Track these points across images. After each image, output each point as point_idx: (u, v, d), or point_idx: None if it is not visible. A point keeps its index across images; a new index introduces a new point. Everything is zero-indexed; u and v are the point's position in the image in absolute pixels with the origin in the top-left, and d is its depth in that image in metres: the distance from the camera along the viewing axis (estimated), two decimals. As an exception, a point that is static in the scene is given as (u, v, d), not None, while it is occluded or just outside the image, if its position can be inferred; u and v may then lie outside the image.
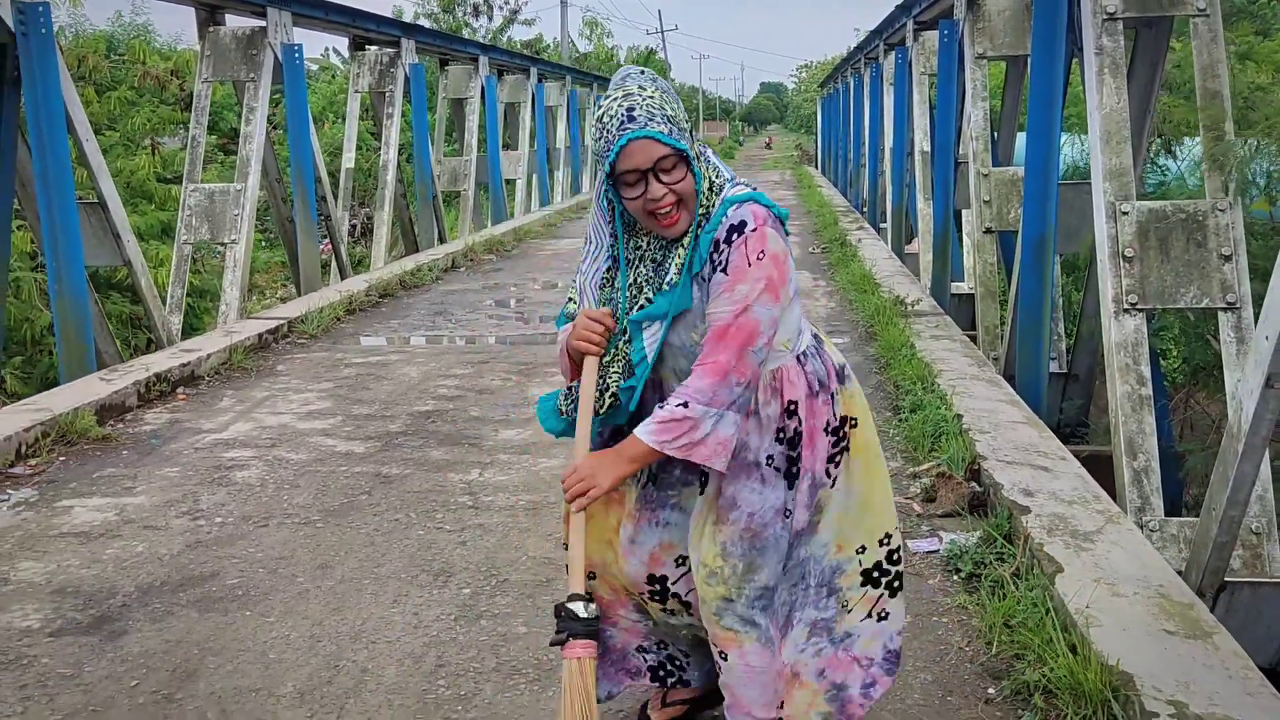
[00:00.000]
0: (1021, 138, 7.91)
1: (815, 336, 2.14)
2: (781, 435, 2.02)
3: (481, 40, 28.82)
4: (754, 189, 1.97)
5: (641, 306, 1.98)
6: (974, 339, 7.91)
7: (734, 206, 1.92)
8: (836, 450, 2.09)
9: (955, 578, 3.37)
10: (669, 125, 1.87)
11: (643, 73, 1.94)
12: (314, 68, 27.05)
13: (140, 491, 4.25)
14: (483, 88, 15.38)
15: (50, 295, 5.97)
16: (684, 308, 1.95)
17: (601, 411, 2.05)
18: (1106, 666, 2.51)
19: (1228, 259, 4.58)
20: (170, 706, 2.66)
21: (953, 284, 9.60)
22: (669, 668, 2.35)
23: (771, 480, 2.02)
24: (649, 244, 2.00)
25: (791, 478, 2.03)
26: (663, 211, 1.91)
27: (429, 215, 13.02)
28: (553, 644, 1.95)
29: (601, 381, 2.04)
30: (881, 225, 14.09)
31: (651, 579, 2.16)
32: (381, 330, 7.76)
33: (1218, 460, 3.47)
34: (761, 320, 1.89)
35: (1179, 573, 3.70)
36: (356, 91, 12.33)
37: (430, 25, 31.01)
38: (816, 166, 32.47)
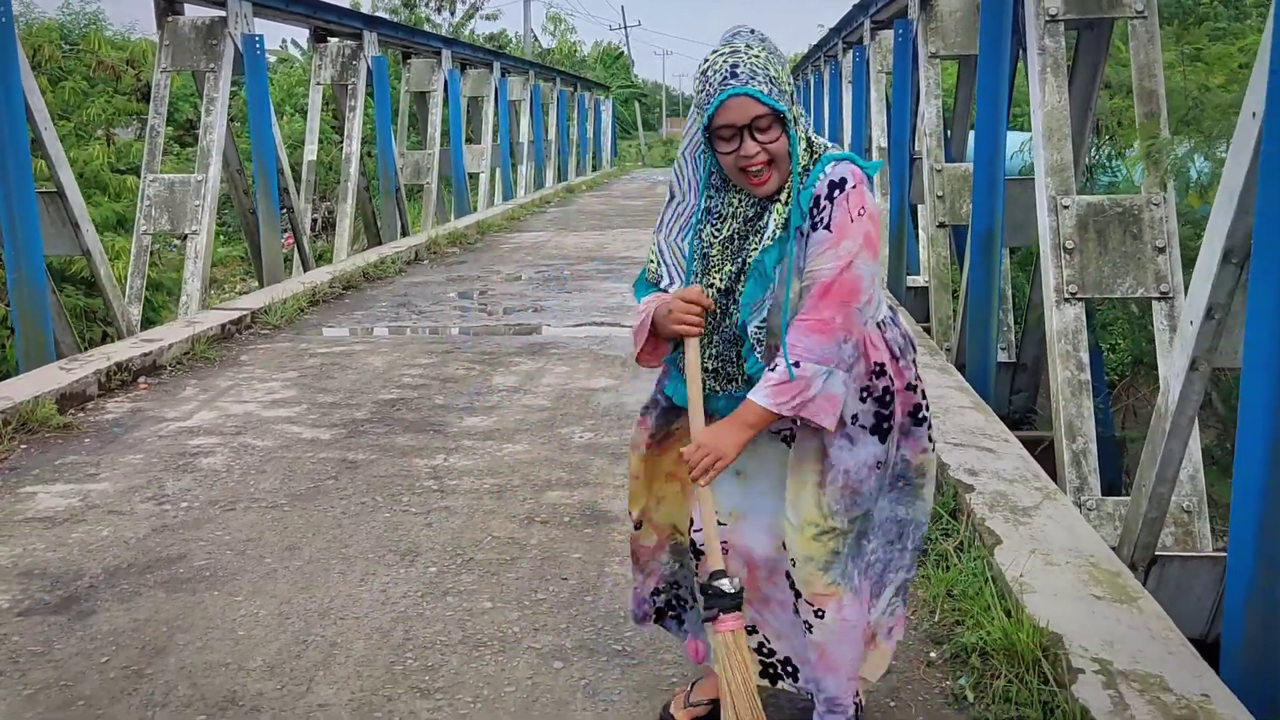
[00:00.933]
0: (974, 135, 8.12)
1: (890, 307, 2.20)
2: (867, 394, 2.06)
3: (444, 34, 28.68)
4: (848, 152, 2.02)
5: (743, 264, 2.01)
6: (929, 330, 8.12)
7: (832, 164, 1.95)
8: (922, 411, 2.15)
9: (902, 553, 3.53)
10: (770, 85, 1.89)
11: (752, 32, 1.97)
12: (271, 59, 26.77)
13: (104, 478, 4.28)
14: (446, 81, 15.37)
15: (9, 285, 5.95)
16: (783, 261, 1.97)
17: (707, 387, 2.08)
18: (1038, 628, 2.66)
19: (1162, 251, 4.79)
20: (141, 681, 2.73)
21: (909, 277, 9.82)
22: (674, 605, 2.42)
23: (860, 438, 2.06)
24: (741, 201, 2.02)
25: (883, 433, 2.08)
26: (754, 169, 1.93)
27: (392, 208, 13.02)
28: (704, 620, 2.05)
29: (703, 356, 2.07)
30: (840, 220, 14.28)
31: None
32: (345, 321, 7.80)
33: (1147, 440, 3.66)
34: (864, 277, 1.93)
35: (1113, 548, 3.89)
36: (318, 84, 12.29)
37: (391, 19, 30.80)
38: (778, 163, 32.63)
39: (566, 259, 11.53)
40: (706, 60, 1.94)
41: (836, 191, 1.93)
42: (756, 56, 1.91)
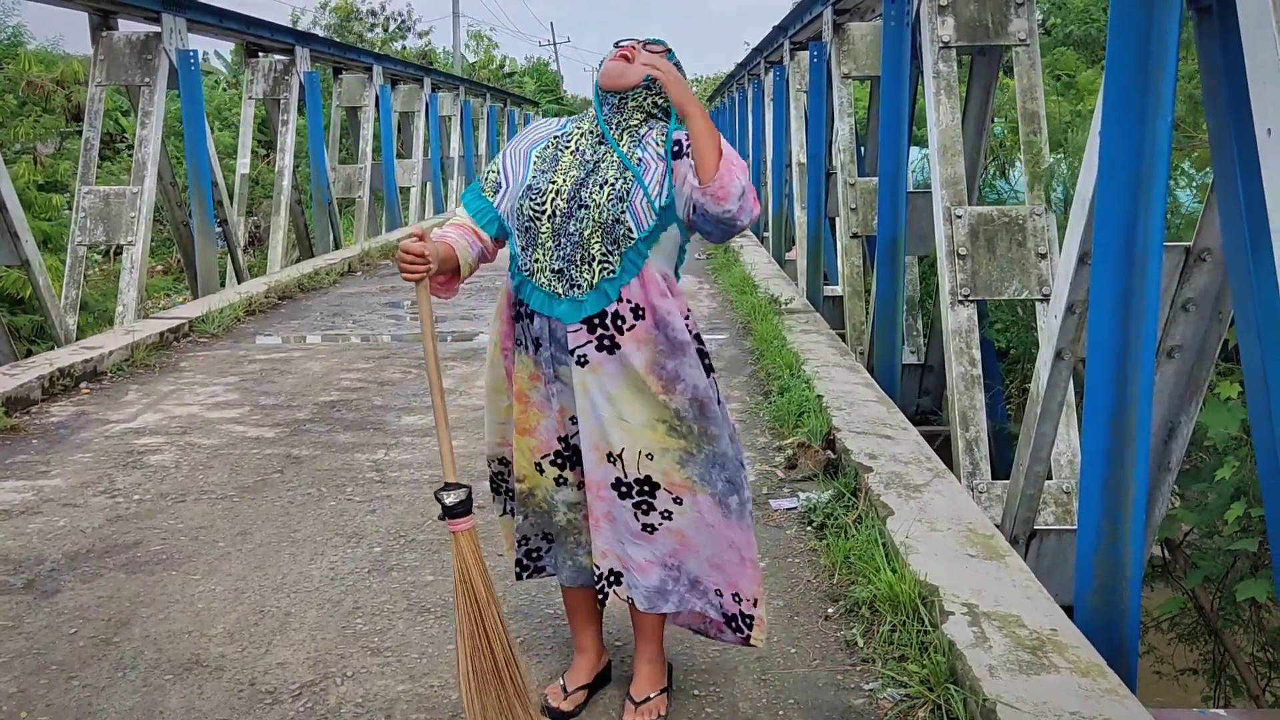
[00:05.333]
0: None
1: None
2: (689, 323, 2.38)
3: (374, 50, 28.70)
4: None
5: (589, 171, 2.31)
6: (844, 336, 8.60)
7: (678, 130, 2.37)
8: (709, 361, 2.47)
9: (809, 528, 3.91)
10: (672, 50, 2.40)
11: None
12: (199, 72, 26.46)
13: (55, 475, 4.46)
14: (377, 97, 15.55)
15: (-51, 293, 6.03)
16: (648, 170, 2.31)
17: (578, 293, 2.32)
18: (918, 581, 3.05)
19: (1044, 257, 5.29)
20: (109, 648, 2.96)
21: (826, 286, 10.31)
22: (524, 562, 2.64)
23: (697, 364, 2.35)
24: (593, 129, 2.39)
25: (707, 369, 2.38)
26: (625, 52, 2.34)
27: (324, 221, 13.15)
28: (440, 519, 2.37)
29: (577, 258, 2.30)
30: (764, 234, 14.83)
31: (561, 439, 2.46)
32: (282, 329, 7.98)
33: (1023, 424, 4.11)
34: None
35: (998, 525, 4.33)
36: (250, 98, 12.40)
37: (326, 35, 30.77)
38: (706, 178, 33.28)
39: (497, 270, 11.76)
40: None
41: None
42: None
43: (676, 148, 2.33)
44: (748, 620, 2.52)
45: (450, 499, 2.36)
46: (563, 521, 2.55)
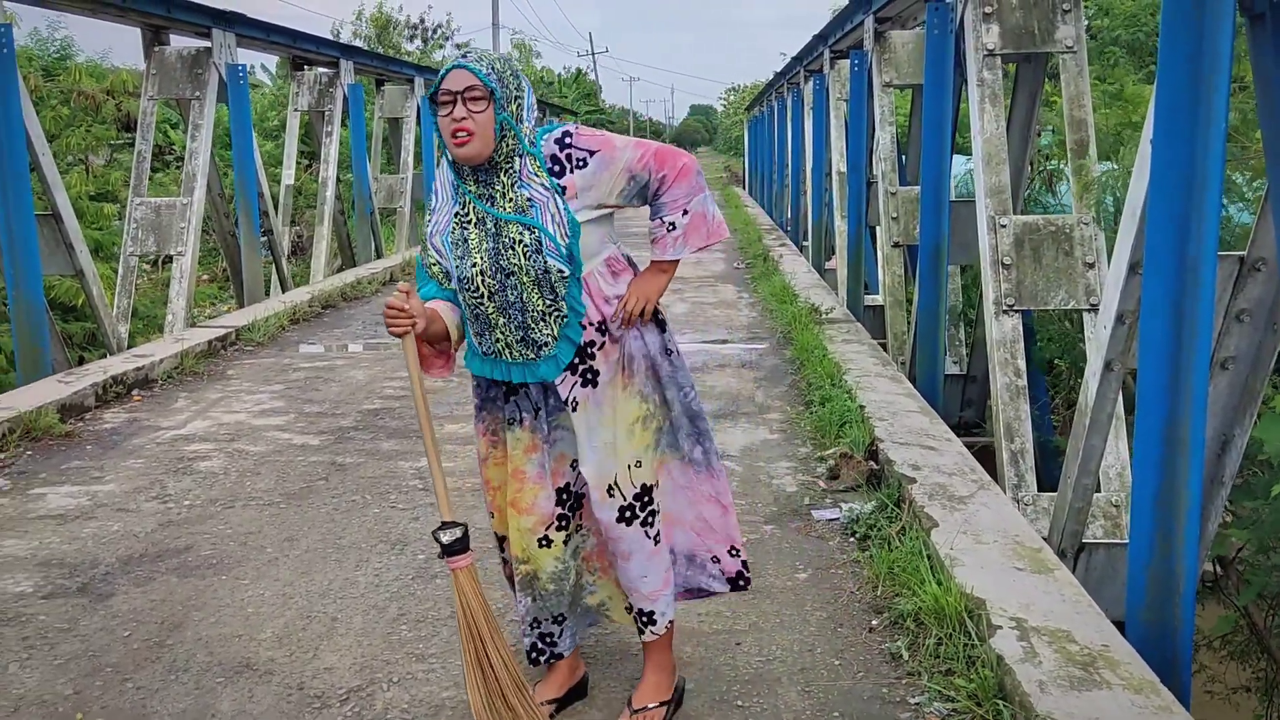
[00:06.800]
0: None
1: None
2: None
3: (414, 62, 29.07)
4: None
5: (496, 238, 2.26)
6: (885, 346, 8.54)
7: (545, 135, 2.30)
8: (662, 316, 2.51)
9: (851, 539, 3.88)
10: (491, 71, 2.20)
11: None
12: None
13: (109, 480, 4.55)
14: (418, 107, 15.72)
15: (9, 303, 6.20)
16: (548, 213, 2.26)
17: (533, 358, 2.34)
18: (964, 594, 3.02)
19: (1091, 266, 5.22)
20: (162, 650, 3.02)
21: (867, 296, 10.25)
22: (540, 646, 2.58)
23: (648, 330, 2.43)
24: (475, 191, 2.28)
25: (662, 324, 2.47)
26: (459, 132, 2.19)
27: (366, 230, 13.32)
28: (439, 557, 2.41)
29: (530, 321, 2.31)
30: (804, 243, 14.77)
31: (560, 494, 2.46)
32: (325, 338, 8.09)
33: (1071, 436, 4.05)
34: (653, 143, 2.31)
35: (1045, 538, 4.27)
36: (296, 110, 12.60)
37: (366, 47, 31.24)
38: (744, 187, 33.33)
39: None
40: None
41: (568, 138, 2.28)
42: (489, 54, 2.27)
43: (555, 165, 2.29)
44: (748, 568, 2.66)
45: (446, 537, 2.40)
46: (572, 580, 2.54)
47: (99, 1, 7.61)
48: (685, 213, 2.34)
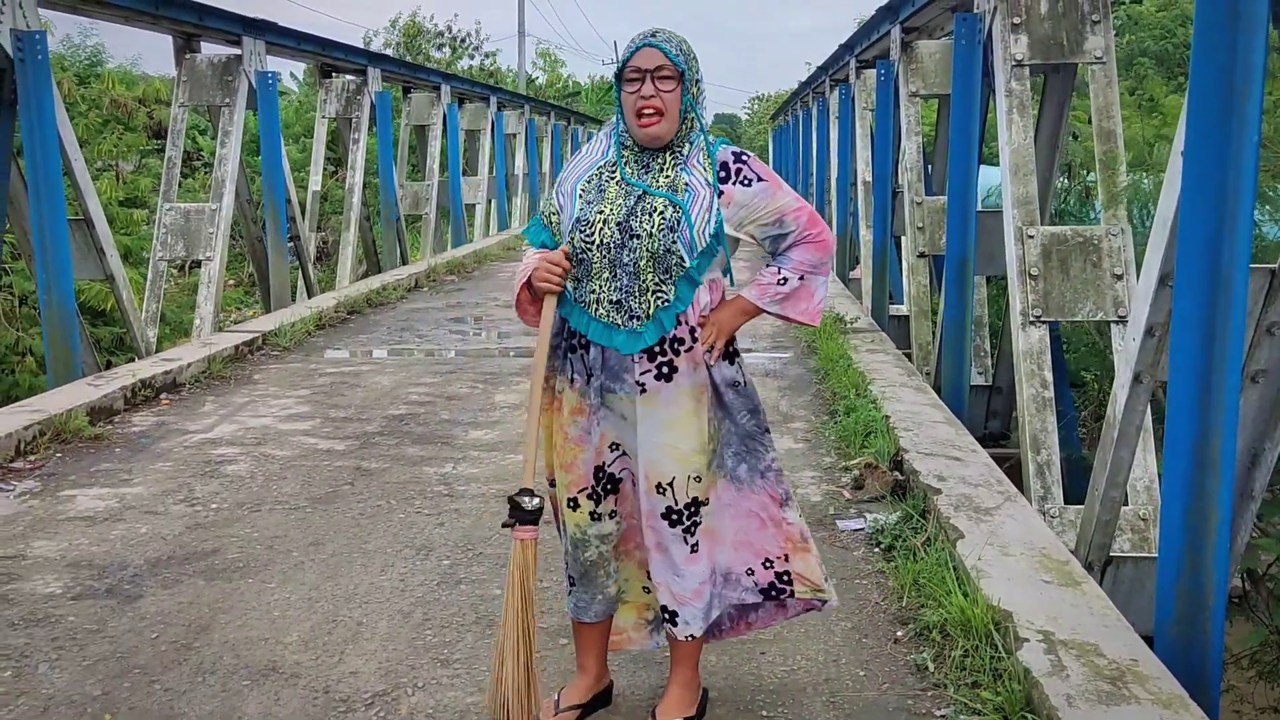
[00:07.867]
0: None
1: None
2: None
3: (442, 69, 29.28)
4: None
5: (637, 200, 2.30)
6: (910, 355, 8.50)
7: (723, 145, 2.38)
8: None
9: (876, 550, 3.86)
10: (678, 51, 2.27)
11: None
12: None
13: (137, 483, 4.60)
14: (445, 115, 15.83)
15: (40, 306, 6.29)
16: (696, 201, 2.31)
17: (624, 326, 2.34)
18: (991, 606, 3.00)
19: (1119, 278, 5.17)
20: (189, 653, 3.05)
21: (892, 306, 10.21)
22: (578, 607, 2.60)
23: (722, 363, 2.45)
24: (637, 153, 2.35)
25: (732, 356, 2.47)
26: (647, 111, 2.26)
27: (392, 237, 13.41)
28: (504, 526, 2.38)
29: (635, 289, 2.32)
30: (828, 252, 14.71)
31: (596, 471, 2.46)
32: (351, 344, 8.15)
33: (1099, 448, 4.01)
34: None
35: (1072, 551, 4.23)
36: (324, 117, 12.72)
37: (394, 54, 31.50)
38: (768, 196, 33.22)
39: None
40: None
41: (745, 158, 2.35)
42: (675, 35, 2.31)
43: (724, 172, 2.33)
44: (785, 579, 2.55)
45: (528, 504, 2.38)
46: (593, 556, 2.53)
47: (132, 9, 7.72)
48: (801, 278, 2.38)
